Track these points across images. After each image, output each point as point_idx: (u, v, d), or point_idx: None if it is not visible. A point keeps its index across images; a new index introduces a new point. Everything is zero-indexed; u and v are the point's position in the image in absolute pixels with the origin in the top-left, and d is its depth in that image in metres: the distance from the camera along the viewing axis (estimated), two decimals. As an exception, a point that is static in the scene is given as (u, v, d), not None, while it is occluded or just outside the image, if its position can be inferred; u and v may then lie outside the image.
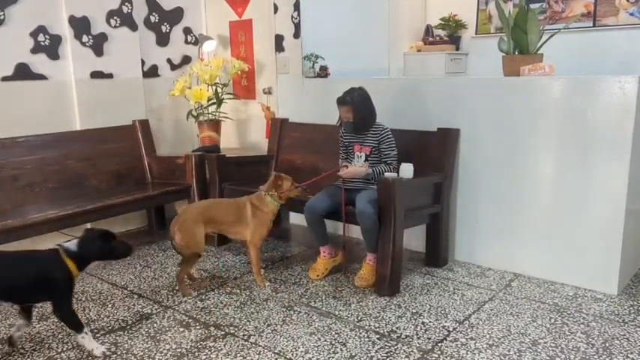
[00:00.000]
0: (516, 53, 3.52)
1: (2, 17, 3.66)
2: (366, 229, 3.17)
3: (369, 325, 2.80)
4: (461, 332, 2.72)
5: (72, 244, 2.46)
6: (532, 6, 3.85)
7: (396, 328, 2.77)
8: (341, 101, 3.29)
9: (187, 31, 4.85)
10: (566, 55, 3.99)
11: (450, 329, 2.75)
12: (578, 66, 4.70)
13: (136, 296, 3.22)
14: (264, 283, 3.31)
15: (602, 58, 5.02)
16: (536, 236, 3.34)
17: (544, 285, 3.27)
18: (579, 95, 3.08)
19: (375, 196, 3.18)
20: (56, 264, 2.41)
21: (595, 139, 3.05)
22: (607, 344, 2.58)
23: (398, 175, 3.21)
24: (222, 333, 2.75)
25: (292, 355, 2.52)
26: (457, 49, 6.05)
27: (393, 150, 3.33)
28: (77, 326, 2.48)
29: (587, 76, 3.12)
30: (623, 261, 3.10)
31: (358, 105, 3.26)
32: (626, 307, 2.96)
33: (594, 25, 5.19)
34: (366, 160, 3.36)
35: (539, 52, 3.49)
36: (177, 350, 2.59)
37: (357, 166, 3.33)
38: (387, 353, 2.52)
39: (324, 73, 4.42)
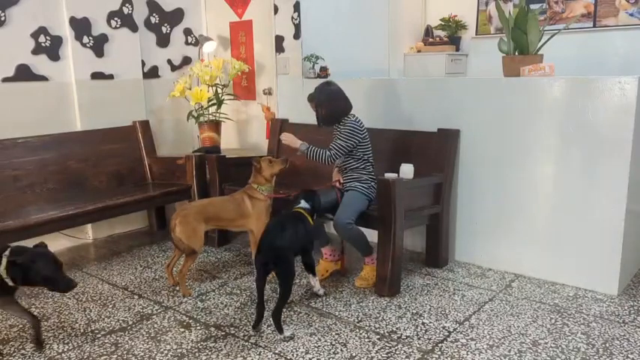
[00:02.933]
0: (516, 54, 3.53)
1: (3, 18, 3.67)
2: (347, 239, 3.21)
3: (370, 326, 2.80)
4: (461, 333, 2.72)
5: (305, 204, 3.04)
6: (532, 7, 3.86)
7: (397, 328, 2.77)
8: (307, 97, 3.39)
9: (188, 32, 4.85)
10: (567, 56, 4.00)
11: (451, 330, 2.75)
12: (579, 67, 4.70)
13: (136, 297, 3.22)
14: None
15: (602, 58, 5.02)
16: (537, 236, 3.34)
17: (544, 285, 3.27)
18: (579, 96, 3.08)
19: (359, 200, 3.20)
20: (306, 219, 3.00)
21: (595, 139, 3.05)
22: (607, 345, 2.58)
23: (398, 176, 3.21)
24: (223, 333, 2.75)
25: (292, 355, 2.52)
26: (457, 49, 6.05)
27: (341, 140, 3.22)
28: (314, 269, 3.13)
29: (587, 77, 3.12)
30: (624, 261, 3.10)
31: (320, 99, 3.31)
32: (626, 308, 2.96)
33: (594, 26, 5.19)
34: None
35: (539, 52, 3.49)
36: (178, 351, 2.59)
37: (296, 139, 3.33)
38: (387, 354, 2.52)
39: (324, 73, 4.42)
